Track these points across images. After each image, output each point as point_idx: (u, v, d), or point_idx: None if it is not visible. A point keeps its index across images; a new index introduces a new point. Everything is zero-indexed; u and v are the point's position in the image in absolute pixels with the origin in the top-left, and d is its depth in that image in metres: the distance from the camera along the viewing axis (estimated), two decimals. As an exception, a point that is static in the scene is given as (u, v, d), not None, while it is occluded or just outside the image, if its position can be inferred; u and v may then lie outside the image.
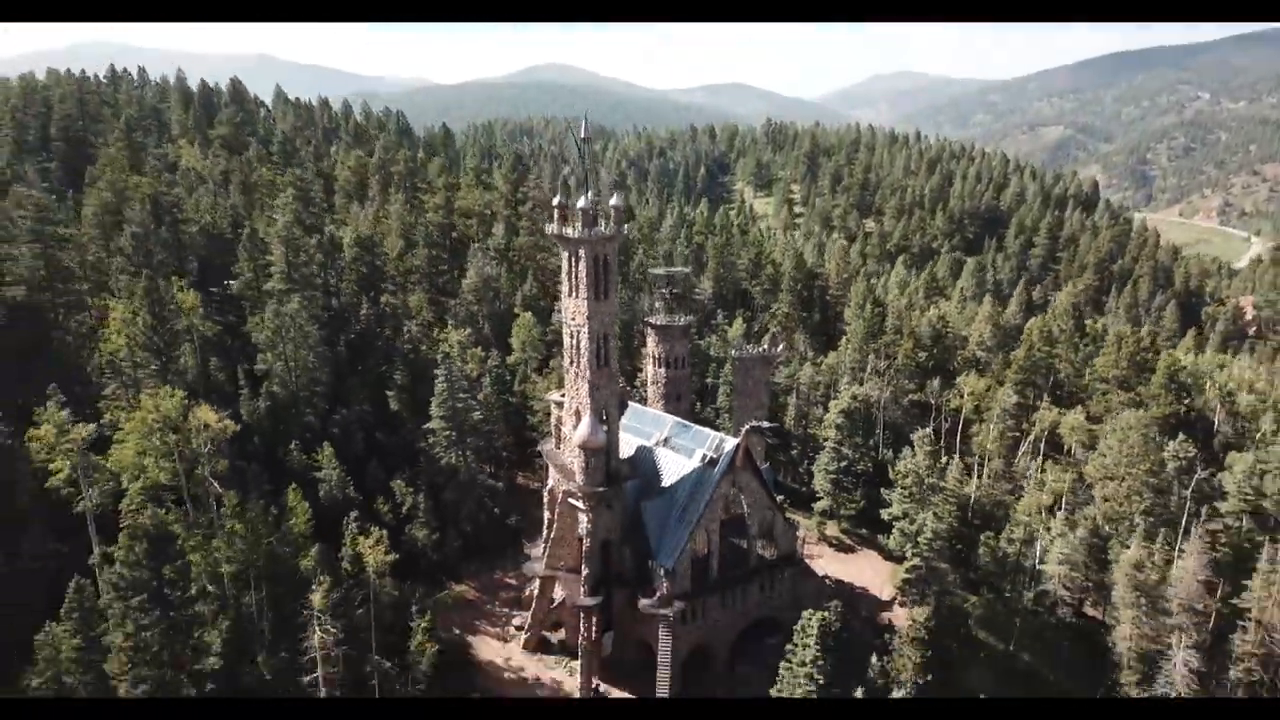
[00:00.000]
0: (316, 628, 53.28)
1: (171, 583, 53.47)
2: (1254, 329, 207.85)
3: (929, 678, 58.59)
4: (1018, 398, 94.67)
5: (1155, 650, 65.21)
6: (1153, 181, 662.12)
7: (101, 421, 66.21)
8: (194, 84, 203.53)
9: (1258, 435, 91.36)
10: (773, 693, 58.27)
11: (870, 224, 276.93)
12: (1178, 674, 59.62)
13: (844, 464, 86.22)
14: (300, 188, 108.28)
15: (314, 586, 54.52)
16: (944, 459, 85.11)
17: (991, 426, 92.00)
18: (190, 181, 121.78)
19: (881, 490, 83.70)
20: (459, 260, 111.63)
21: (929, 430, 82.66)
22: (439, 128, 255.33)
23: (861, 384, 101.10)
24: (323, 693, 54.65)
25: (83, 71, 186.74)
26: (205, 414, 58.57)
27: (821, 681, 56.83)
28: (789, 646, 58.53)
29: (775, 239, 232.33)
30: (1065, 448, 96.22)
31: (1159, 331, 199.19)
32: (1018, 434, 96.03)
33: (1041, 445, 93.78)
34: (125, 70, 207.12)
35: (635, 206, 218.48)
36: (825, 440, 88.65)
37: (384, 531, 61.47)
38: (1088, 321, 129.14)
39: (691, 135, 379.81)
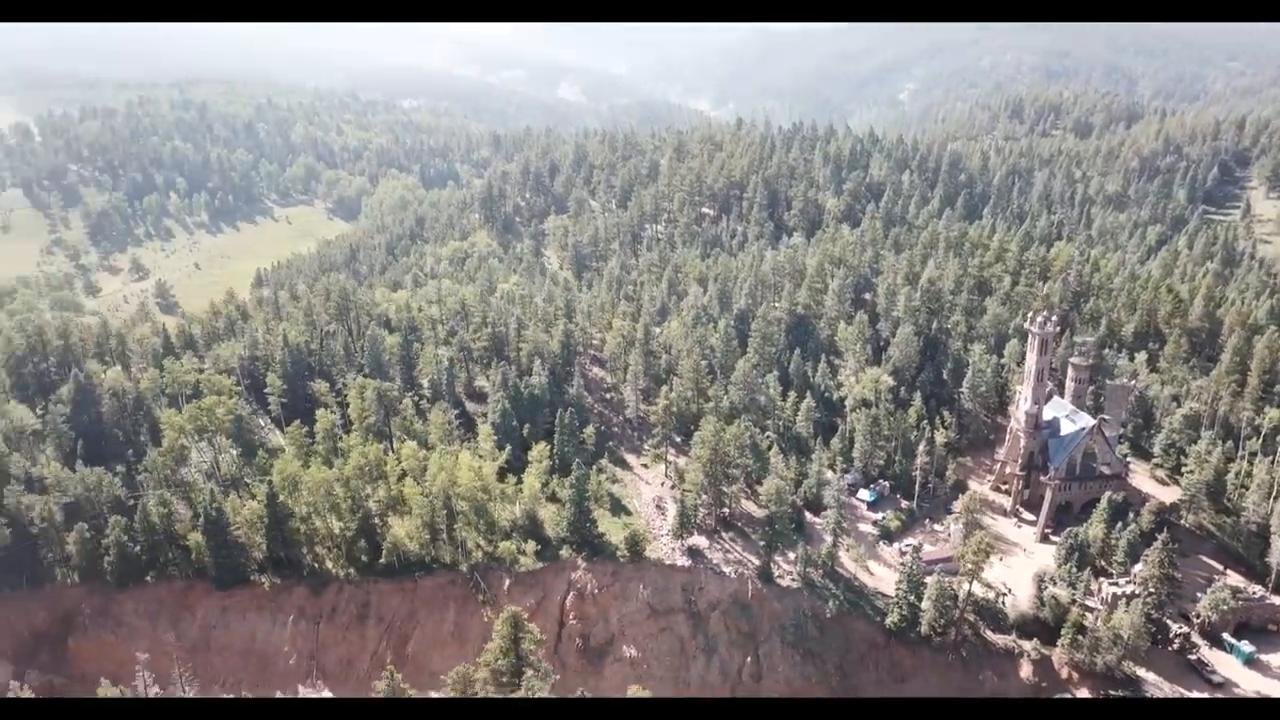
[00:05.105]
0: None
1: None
2: None
3: (1152, 528, 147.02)
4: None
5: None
6: None
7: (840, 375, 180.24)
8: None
9: None
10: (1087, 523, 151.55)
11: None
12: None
13: (1171, 440, 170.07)
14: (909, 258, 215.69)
15: (922, 441, 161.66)
16: (1232, 449, 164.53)
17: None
18: (831, 224, 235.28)
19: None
20: (982, 295, 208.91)
21: (1217, 430, 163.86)
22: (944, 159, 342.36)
23: (1217, 402, 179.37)
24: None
25: (766, 124, 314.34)
26: (883, 376, 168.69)
27: (1107, 517, 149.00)
28: (1100, 507, 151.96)
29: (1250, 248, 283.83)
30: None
31: None
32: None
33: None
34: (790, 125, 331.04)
35: (1116, 235, 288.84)
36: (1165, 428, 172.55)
37: (944, 424, 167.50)
38: None
39: (1214, 130, 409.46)
